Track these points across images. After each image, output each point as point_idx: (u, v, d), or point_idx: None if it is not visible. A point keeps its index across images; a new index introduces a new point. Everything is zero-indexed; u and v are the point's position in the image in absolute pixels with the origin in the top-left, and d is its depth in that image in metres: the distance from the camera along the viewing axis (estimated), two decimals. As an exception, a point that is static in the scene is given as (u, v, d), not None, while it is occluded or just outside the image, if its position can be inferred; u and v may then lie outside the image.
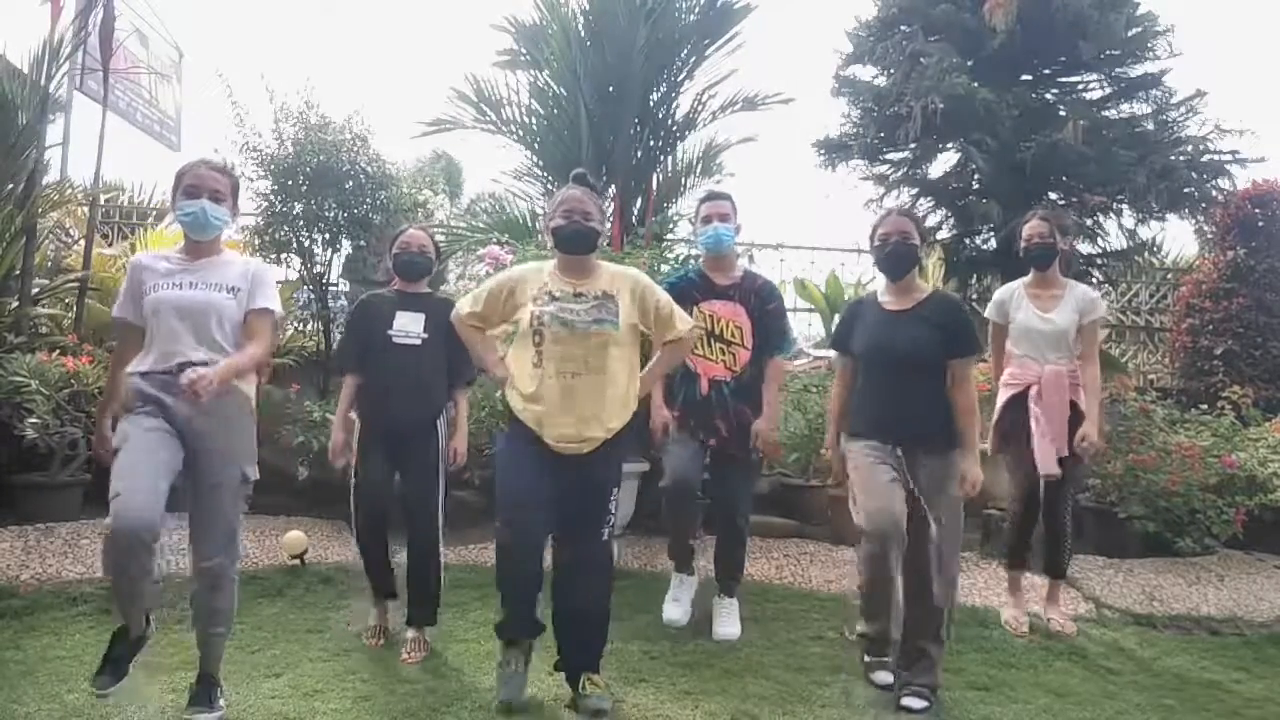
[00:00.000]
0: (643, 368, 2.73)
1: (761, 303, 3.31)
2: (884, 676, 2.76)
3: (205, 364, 2.29)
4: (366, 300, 3.34)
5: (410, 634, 3.07)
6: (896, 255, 2.83)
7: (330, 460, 3.20)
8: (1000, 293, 3.58)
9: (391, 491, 3.15)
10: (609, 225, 4.08)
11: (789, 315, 3.75)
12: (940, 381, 2.78)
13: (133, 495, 2.15)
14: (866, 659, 2.86)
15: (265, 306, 2.47)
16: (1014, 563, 3.66)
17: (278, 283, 6.73)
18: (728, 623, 3.29)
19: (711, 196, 3.45)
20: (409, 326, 3.15)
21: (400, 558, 3.19)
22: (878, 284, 3.07)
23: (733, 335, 3.27)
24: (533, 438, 2.53)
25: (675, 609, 3.28)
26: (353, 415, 3.23)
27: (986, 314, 3.59)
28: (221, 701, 2.44)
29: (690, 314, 3.20)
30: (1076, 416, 3.40)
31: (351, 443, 3.16)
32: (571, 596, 2.60)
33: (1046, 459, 3.31)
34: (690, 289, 3.32)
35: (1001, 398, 3.54)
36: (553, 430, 2.51)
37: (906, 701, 2.63)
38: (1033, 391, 3.41)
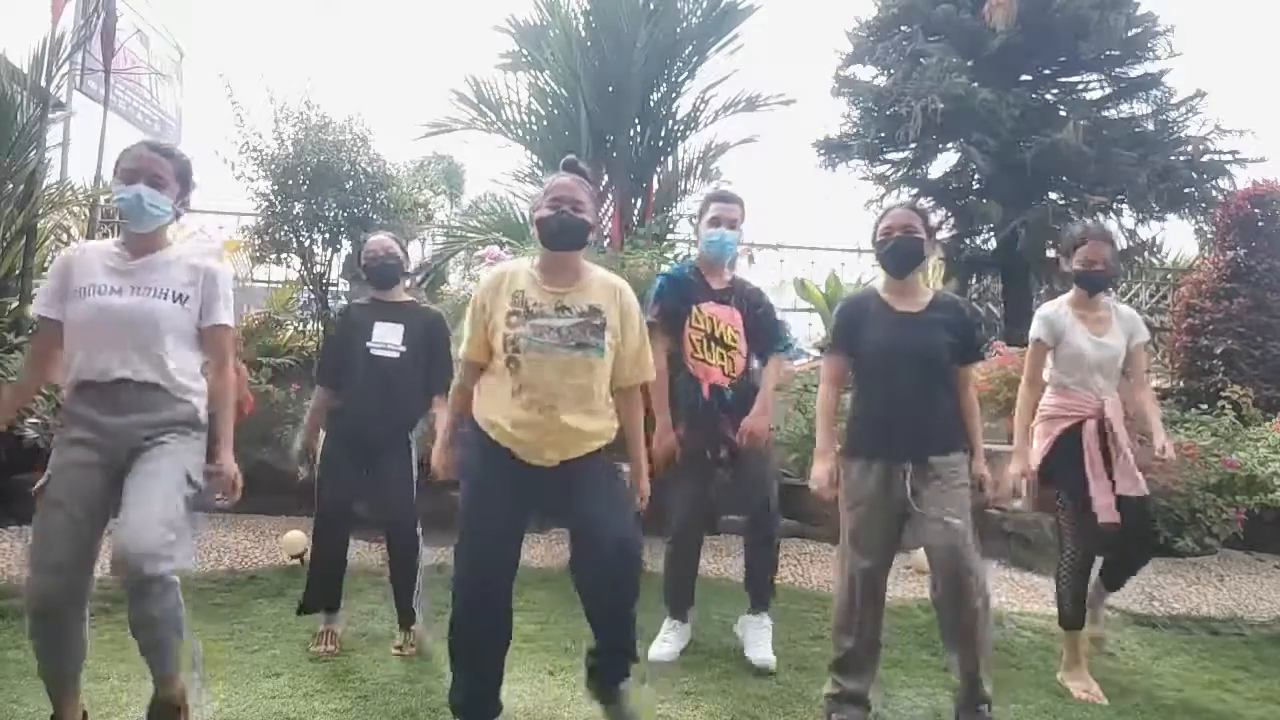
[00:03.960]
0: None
1: (752, 307, 3.22)
2: None
3: (145, 383, 2.08)
4: (346, 310, 3.31)
5: (400, 636, 3.08)
6: (900, 250, 2.64)
7: (294, 464, 3.13)
8: (1048, 310, 3.18)
9: (354, 494, 3.11)
10: (608, 221, 3.99)
11: (788, 313, 3.68)
12: (952, 386, 2.69)
13: (53, 569, 1.99)
14: (830, 703, 2.57)
15: (224, 323, 2.21)
16: (1074, 620, 3.01)
17: (278, 283, 6.75)
18: (765, 646, 3.05)
19: (723, 198, 3.27)
20: (387, 338, 3.09)
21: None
22: (879, 281, 2.85)
23: (731, 340, 3.16)
24: (503, 456, 2.24)
25: (664, 648, 3.06)
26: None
27: (1033, 333, 3.16)
28: None
29: (690, 314, 3.13)
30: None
31: (316, 450, 3.11)
32: (604, 606, 2.37)
33: (1107, 507, 2.87)
34: (690, 289, 3.20)
35: (1051, 431, 3.07)
36: (528, 457, 2.24)
37: None
38: (1090, 426, 2.98)
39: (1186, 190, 6.56)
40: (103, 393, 2.07)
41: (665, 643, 3.10)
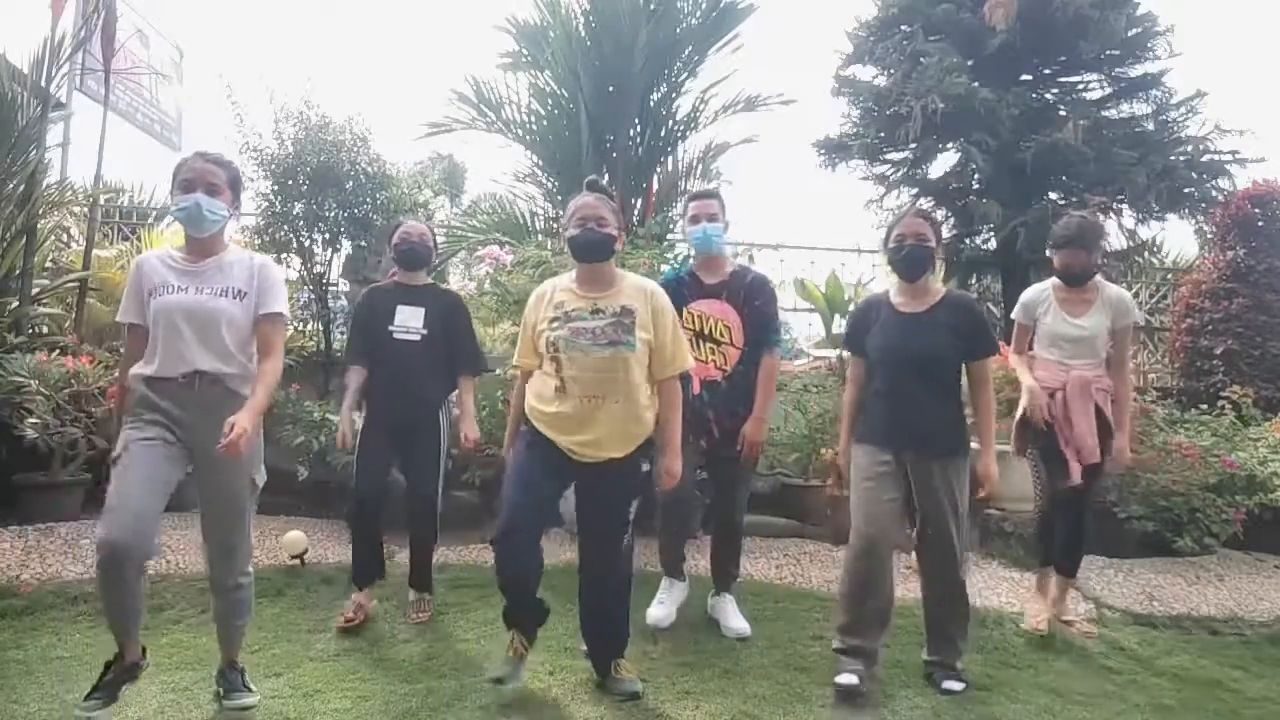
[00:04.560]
0: None
1: (750, 298, 3.25)
2: (849, 679, 2.70)
3: (213, 374, 2.27)
4: (369, 294, 3.42)
5: (413, 595, 3.32)
6: (912, 258, 2.80)
7: (339, 447, 3.32)
8: (1028, 294, 3.43)
9: (386, 479, 3.25)
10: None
11: (789, 313, 3.70)
12: (954, 385, 2.79)
13: (124, 515, 2.15)
14: (840, 659, 2.81)
15: (278, 311, 2.39)
16: (1044, 561, 3.57)
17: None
18: (736, 617, 3.31)
19: (699, 195, 3.39)
20: (409, 322, 3.22)
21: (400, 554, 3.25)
22: (890, 285, 2.99)
23: (721, 334, 3.23)
24: (549, 442, 2.54)
25: (660, 610, 3.23)
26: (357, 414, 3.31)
27: (1014, 315, 3.47)
28: (252, 684, 2.50)
29: (680, 315, 3.17)
30: (1102, 424, 3.27)
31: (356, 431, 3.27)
32: (594, 598, 2.70)
33: (1074, 470, 3.23)
34: (681, 289, 3.27)
35: (1026, 401, 3.41)
36: (572, 446, 2.53)
37: (947, 685, 2.76)
38: (1057, 398, 3.27)
39: (1186, 190, 6.55)
40: (174, 386, 2.27)
41: (661, 604, 3.23)
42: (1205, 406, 5.54)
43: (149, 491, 2.20)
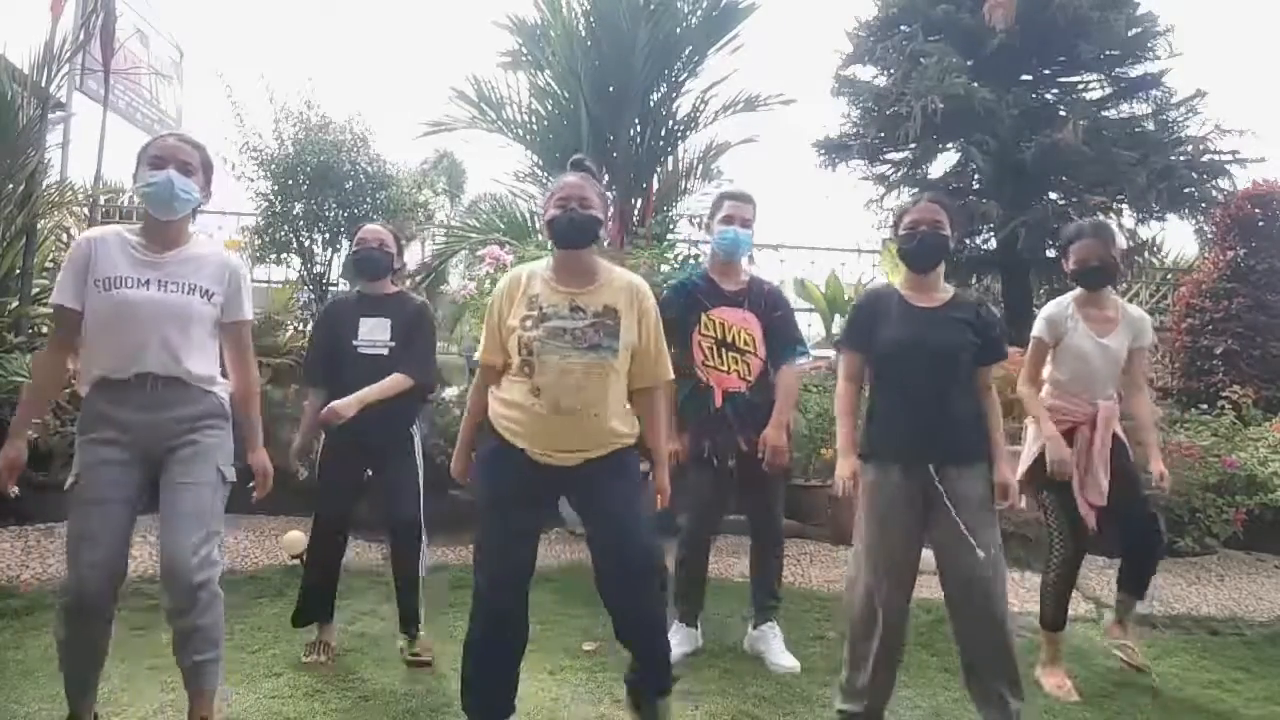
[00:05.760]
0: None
1: (770, 309, 3.13)
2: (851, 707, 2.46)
3: (170, 377, 2.07)
4: (330, 306, 3.17)
5: (402, 641, 2.97)
6: (927, 246, 2.49)
7: (291, 464, 2.97)
8: (1052, 308, 3.08)
9: (353, 508, 3.03)
10: (609, 221, 3.92)
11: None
12: (972, 386, 2.54)
13: (92, 562, 1.96)
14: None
15: (248, 318, 2.25)
16: (1057, 622, 3.02)
17: (278, 283, 6.78)
18: (784, 653, 3.05)
19: (736, 196, 3.20)
20: (374, 335, 2.94)
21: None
22: (898, 278, 2.67)
23: (745, 343, 3.08)
24: (516, 455, 2.21)
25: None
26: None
27: (1035, 331, 3.09)
28: None
29: (699, 322, 3.06)
30: (1119, 450, 2.99)
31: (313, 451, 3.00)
32: (620, 605, 2.26)
33: (1087, 514, 2.92)
34: (698, 295, 3.11)
35: (1050, 454, 2.98)
36: (545, 457, 2.20)
37: None
38: (1085, 433, 2.94)
39: (1186, 190, 6.56)
40: (126, 389, 2.06)
41: (678, 647, 2.98)
42: (1205, 406, 5.55)
43: (114, 533, 2.01)
